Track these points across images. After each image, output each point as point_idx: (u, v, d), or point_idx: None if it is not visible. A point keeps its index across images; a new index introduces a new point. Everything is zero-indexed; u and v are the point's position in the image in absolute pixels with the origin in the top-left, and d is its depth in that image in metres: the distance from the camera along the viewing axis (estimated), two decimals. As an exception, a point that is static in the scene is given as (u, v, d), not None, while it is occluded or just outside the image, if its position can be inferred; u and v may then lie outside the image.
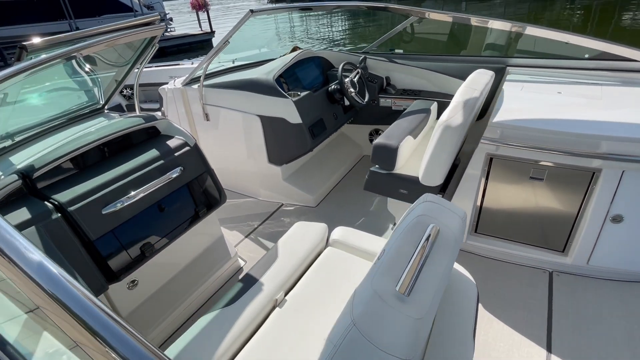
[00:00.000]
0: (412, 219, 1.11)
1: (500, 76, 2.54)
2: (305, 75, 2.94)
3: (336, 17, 23.44)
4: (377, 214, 2.69)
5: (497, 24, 2.60)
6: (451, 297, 1.33)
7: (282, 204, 2.89)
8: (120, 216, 1.57)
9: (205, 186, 1.97)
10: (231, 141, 2.87)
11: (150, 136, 1.95)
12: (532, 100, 2.02)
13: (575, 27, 15.84)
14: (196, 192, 1.91)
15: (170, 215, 1.79)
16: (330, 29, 19.67)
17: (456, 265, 1.47)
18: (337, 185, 3.08)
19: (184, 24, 26.05)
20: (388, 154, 2.09)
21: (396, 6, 2.61)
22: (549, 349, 1.66)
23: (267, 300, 1.41)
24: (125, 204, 1.58)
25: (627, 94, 2.03)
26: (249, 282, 1.49)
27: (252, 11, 2.39)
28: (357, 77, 2.78)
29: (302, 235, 1.70)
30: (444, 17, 2.70)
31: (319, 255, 1.68)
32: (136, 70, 2.14)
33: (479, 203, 2.09)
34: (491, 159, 1.94)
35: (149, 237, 1.68)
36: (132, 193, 1.61)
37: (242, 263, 2.35)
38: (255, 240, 2.55)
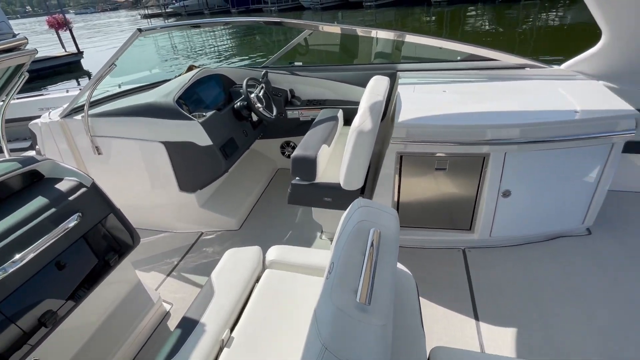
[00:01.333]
0: (352, 227, 1.13)
1: (393, 81, 2.78)
2: (206, 95, 2.80)
3: (233, 33, 22.99)
4: (303, 225, 2.69)
5: (381, 34, 2.85)
6: (398, 295, 1.40)
7: (202, 233, 2.70)
8: (5, 287, 1.28)
9: (113, 229, 1.72)
10: (132, 174, 2.58)
11: (32, 182, 1.63)
12: (425, 100, 2.26)
13: (433, 30, 18.30)
14: (103, 238, 1.66)
15: (73, 272, 1.51)
16: (226, 45, 19.20)
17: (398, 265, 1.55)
18: (257, 203, 3.00)
19: (42, 45, 22.65)
20: (308, 165, 2.11)
21: (290, 20, 2.67)
22: (476, 317, 1.86)
23: (212, 343, 1.29)
24: (10, 271, 1.28)
25: (495, 87, 2.40)
26: (188, 327, 1.35)
27: (140, 30, 2.19)
28: (261, 91, 2.75)
29: (235, 263, 1.61)
30: (335, 29, 2.86)
31: (258, 280, 1.61)
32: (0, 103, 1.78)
33: (396, 199, 2.24)
34: (401, 157, 2.10)
35: (48, 304, 1.40)
36: (18, 256, 1.31)
37: (167, 307, 2.12)
38: (179, 278, 2.33)
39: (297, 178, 2.22)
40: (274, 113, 2.80)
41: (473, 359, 1.19)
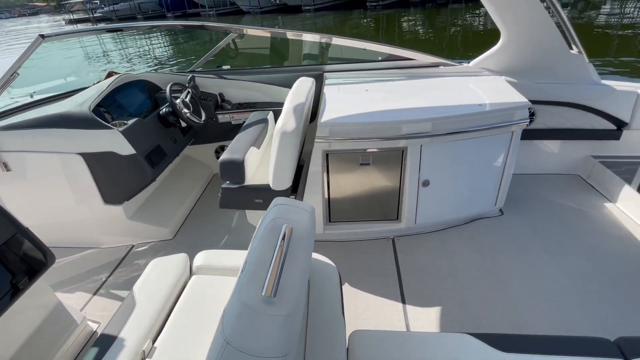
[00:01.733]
0: (266, 225, 1.16)
1: (320, 82, 2.87)
2: (129, 102, 2.68)
3: (156, 37, 21.98)
4: (239, 228, 2.68)
5: (308, 37, 2.93)
6: (318, 285, 1.45)
7: (133, 246, 2.58)
8: None
9: (21, 250, 1.60)
10: (49, 190, 2.40)
11: None
12: (348, 99, 2.36)
13: (370, 32, 19.00)
14: (8, 260, 1.54)
15: None
16: (150, 49, 18.31)
17: (317, 255, 1.61)
18: (193, 209, 2.93)
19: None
20: (235, 168, 2.12)
21: (213, 24, 2.65)
22: (403, 301, 1.98)
23: (131, 356, 1.25)
24: None
25: (412, 85, 2.58)
26: (105, 342, 1.30)
27: (42, 36, 2.05)
28: (188, 96, 2.70)
29: (159, 272, 1.57)
30: (262, 32, 2.89)
31: (184, 288, 1.58)
32: None
33: (326, 196, 2.32)
34: (327, 155, 2.18)
35: None
36: None
37: (94, 327, 2.00)
38: (107, 295, 2.21)
39: (227, 182, 2.21)
40: (203, 118, 2.76)
41: (387, 337, 1.27)
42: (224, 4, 33.69)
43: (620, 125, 2.75)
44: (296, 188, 2.43)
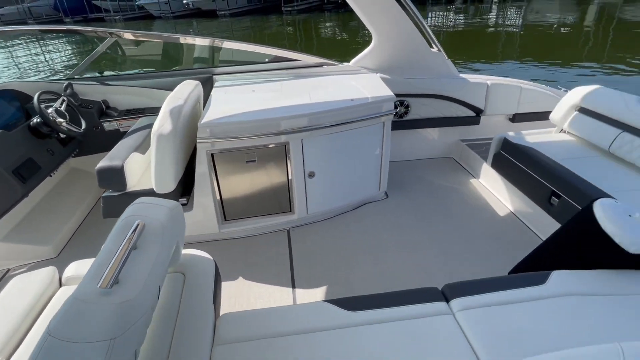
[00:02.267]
0: (119, 222, 1.19)
1: (210, 84, 2.90)
2: None
3: (54, 44, 19.82)
4: None
5: (199, 41, 2.95)
6: (192, 278, 1.50)
7: (9, 270, 2.36)
8: None
9: None
10: None
11: None
12: (234, 100, 2.44)
13: (289, 36, 19.28)
14: None
15: None
16: (59, 57, 16.47)
17: (195, 251, 1.65)
18: (83, 223, 2.76)
19: None
20: (114, 175, 2.06)
21: (84, 28, 2.54)
22: (293, 285, 2.11)
23: None
24: None
25: (297, 84, 2.73)
26: None
27: None
28: (63, 105, 2.54)
29: (20, 288, 1.49)
30: (144, 37, 2.83)
31: (49, 301, 1.52)
32: None
33: (218, 196, 2.36)
34: (212, 155, 2.23)
35: None
36: None
37: None
38: None
39: (109, 190, 2.15)
40: (84, 127, 2.62)
41: (254, 315, 1.37)
42: (131, 8, 31.56)
43: (478, 112, 3.21)
44: (190, 190, 2.43)
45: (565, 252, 1.62)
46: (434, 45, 2.96)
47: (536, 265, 1.72)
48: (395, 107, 3.11)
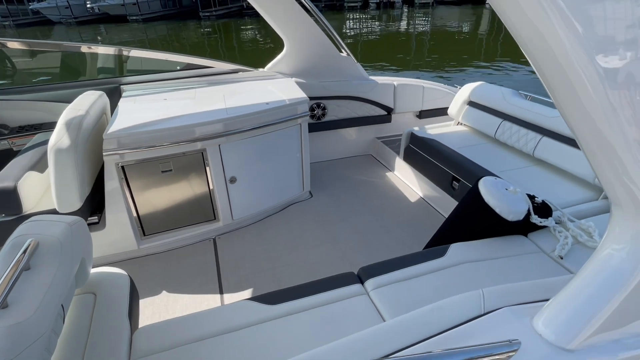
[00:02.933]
0: (7, 243, 1.10)
1: (117, 95, 2.75)
2: None
3: None
4: None
5: (103, 50, 2.78)
6: (105, 295, 1.43)
7: None
8: None
9: None
10: None
11: None
12: (144, 109, 2.34)
13: (210, 42, 18.74)
14: None
15: None
16: None
17: (107, 268, 1.57)
18: None
19: None
20: (6, 197, 1.87)
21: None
22: (221, 292, 2.10)
23: None
24: None
25: (213, 91, 2.71)
26: None
27: None
28: None
29: None
30: (37, 46, 2.59)
31: None
32: None
33: (134, 210, 2.25)
34: (123, 168, 2.12)
35: None
36: None
37: None
38: None
39: (1, 215, 1.93)
40: None
41: (173, 324, 1.35)
42: (24, 13, 28.11)
43: (389, 110, 3.48)
44: (102, 207, 2.28)
45: (460, 227, 1.85)
46: (343, 50, 3.15)
47: (440, 241, 1.93)
48: (313, 110, 3.24)
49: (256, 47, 15.66)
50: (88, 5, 27.20)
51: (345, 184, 3.17)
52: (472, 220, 1.79)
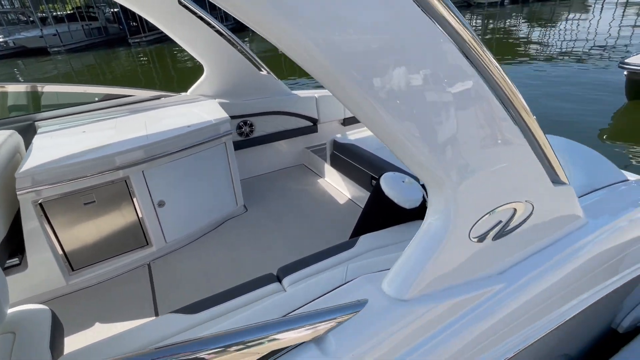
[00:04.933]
0: None
1: (32, 132, 2.68)
2: None
3: None
4: None
5: (12, 87, 2.71)
6: (24, 333, 1.43)
7: None
8: None
9: None
10: None
11: None
12: (60, 144, 2.33)
13: (143, 69, 18.17)
14: None
15: None
16: None
17: (27, 305, 1.56)
18: None
19: None
20: None
21: None
22: (156, 315, 2.12)
23: None
24: None
25: (134, 119, 2.74)
26: None
27: None
28: None
29: None
30: None
31: None
32: None
33: (58, 247, 2.21)
34: (41, 205, 2.09)
35: None
36: None
37: None
38: None
39: None
40: None
41: (98, 347, 1.39)
42: None
43: (314, 121, 3.69)
44: (22, 248, 2.22)
45: (370, 220, 2.07)
46: (262, 69, 3.32)
47: (355, 235, 2.13)
48: (240, 127, 3.37)
49: (195, 66, 15.46)
50: (0, 40, 25.25)
51: (279, 194, 3.31)
52: (378, 212, 2.01)
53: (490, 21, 24.46)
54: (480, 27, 22.04)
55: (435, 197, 0.96)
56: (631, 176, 2.82)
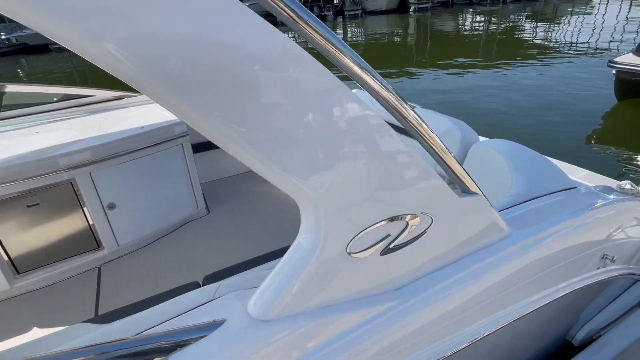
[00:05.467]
0: None
1: None
2: None
3: None
4: None
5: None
6: None
7: None
8: None
9: None
10: None
11: None
12: (8, 145, 2.29)
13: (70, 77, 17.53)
14: None
15: None
16: None
17: None
18: None
19: None
20: None
21: None
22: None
23: None
24: None
25: (90, 120, 2.70)
26: None
27: None
28: None
29: None
30: None
31: None
32: None
33: (1, 251, 2.18)
34: None
35: None
36: None
37: None
38: None
39: None
40: None
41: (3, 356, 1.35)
42: None
43: None
44: None
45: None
46: None
47: None
48: None
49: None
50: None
51: (243, 196, 3.26)
52: None
53: (493, 19, 24.22)
54: (482, 26, 21.82)
55: (304, 213, 0.90)
56: (604, 180, 2.73)
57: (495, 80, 9.61)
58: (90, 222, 2.40)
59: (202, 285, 1.64)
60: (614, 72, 6.35)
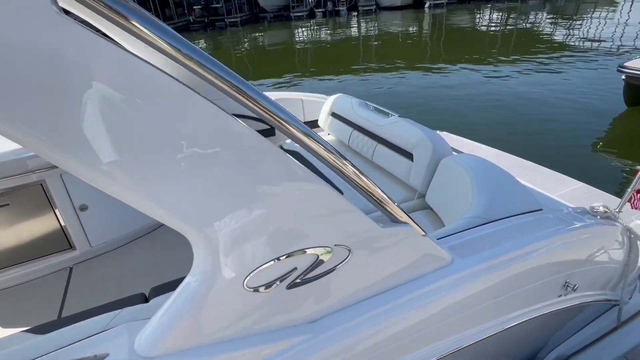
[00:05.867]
0: None
1: None
2: None
3: None
4: None
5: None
6: None
7: None
8: None
9: None
10: None
11: None
12: None
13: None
14: None
15: None
16: None
17: None
18: None
19: None
20: None
21: None
22: None
23: None
24: None
25: None
26: None
27: None
28: None
29: None
30: None
31: None
32: None
33: None
34: None
35: None
36: None
37: None
38: None
39: None
40: None
41: None
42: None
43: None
44: None
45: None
46: None
47: None
48: None
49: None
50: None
51: None
52: None
53: (512, 16, 23.58)
54: (498, 23, 21.26)
55: (194, 247, 0.87)
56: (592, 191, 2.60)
57: (500, 85, 9.34)
58: (62, 223, 2.41)
59: (147, 297, 1.62)
60: (623, 77, 6.08)
